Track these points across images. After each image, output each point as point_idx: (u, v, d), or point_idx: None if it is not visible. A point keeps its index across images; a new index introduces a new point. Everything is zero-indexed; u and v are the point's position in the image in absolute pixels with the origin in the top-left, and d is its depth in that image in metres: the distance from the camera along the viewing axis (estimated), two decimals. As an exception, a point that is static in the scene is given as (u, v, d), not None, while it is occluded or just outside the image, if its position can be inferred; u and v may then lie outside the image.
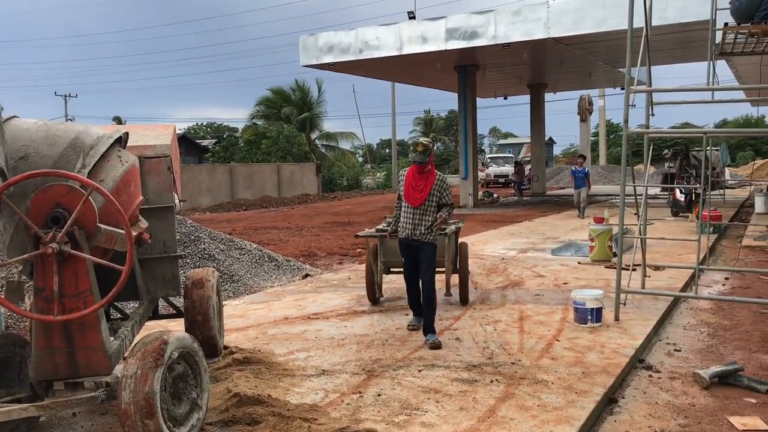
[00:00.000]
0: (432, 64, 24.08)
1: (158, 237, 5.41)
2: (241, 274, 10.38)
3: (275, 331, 7.15)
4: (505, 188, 39.10)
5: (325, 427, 4.27)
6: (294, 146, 40.67)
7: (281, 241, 16.14)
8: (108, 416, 4.77)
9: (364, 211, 25.04)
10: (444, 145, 75.48)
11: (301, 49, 23.29)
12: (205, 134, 67.59)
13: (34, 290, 4.07)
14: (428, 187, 6.47)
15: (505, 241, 14.53)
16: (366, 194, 39.23)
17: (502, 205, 27.13)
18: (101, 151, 4.35)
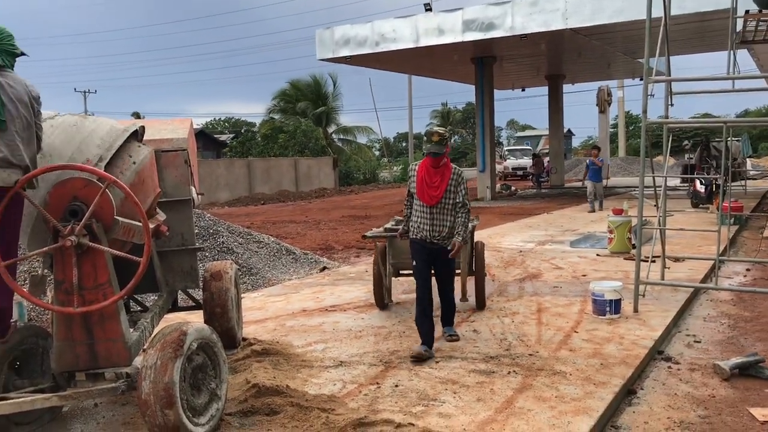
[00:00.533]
0: (449, 56, 23.99)
1: (176, 230, 5.45)
2: (259, 267, 10.44)
3: (293, 323, 7.19)
4: (523, 181, 38.91)
5: (343, 417, 4.28)
6: (311, 140, 40.77)
7: (299, 235, 16.20)
8: (129, 407, 4.82)
9: (380, 205, 25.05)
10: (461, 137, 75.26)
11: (318, 42, 23.30)
12: (223, 129, 67.92)
13: (55, 283, 4.12)
14: (444, 183, 5.80)
15: (523, 233, 14.47)
16: (383, 188, 39.23)
17: (520, 197, 27.01)
18: (118, 145, 4.39)
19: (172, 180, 5.46)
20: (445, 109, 74.06)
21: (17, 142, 4.02)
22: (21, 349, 4.48)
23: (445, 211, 5.82)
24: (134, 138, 4.67)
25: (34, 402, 4.01)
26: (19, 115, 4.06)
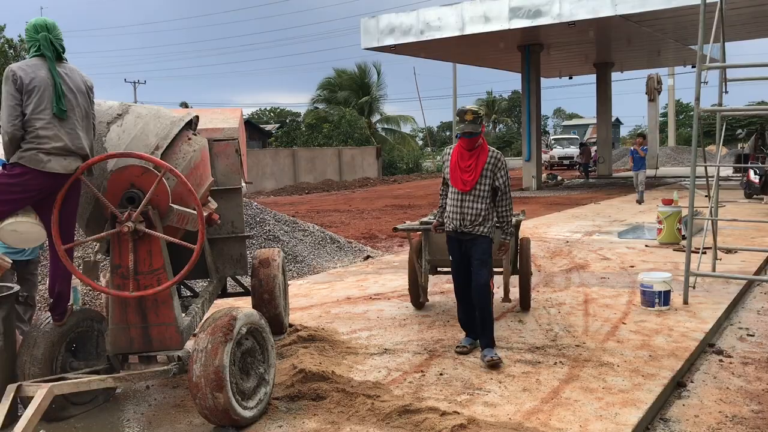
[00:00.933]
0: (495, 44, 23.76)
1: (226, 217, 5.55)
2: (304, 255, 10.56)
3: (338, 311, 7.26)
4: (569, 170, 38.36)
5: (388, 404, 4.33)
6: (356, 130, 40.87)
7: (342, 224, 16.32)
8: (179, 389, 4.95)
9: (424, 194, 25.02)
10: (506, 126, 74.54)
11: (362, 31, 23.31)
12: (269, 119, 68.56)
13: (111, 267, 4.26)
14: (479, 167, 5.27)
15: (569, 223, 14.30)
16: (426, 177, 39.14)
17: (566, 187, 26.65)
18: (174, 133, 4.49)
19: (223, 169, 5.56)
20: (490, 98, 73.41)
21: (77, 131, 4.14)
22: (77, 331, 4.64)
23: (479, 198, 5.30)
24: (189, 127, 4.76)
25: (90, 383, 4.15)
26: (78, 104, 4.18)
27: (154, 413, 4.54)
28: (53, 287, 4.43)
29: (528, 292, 6.80)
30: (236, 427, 4.10)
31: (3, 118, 3.99)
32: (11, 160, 4.04)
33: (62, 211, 4.13)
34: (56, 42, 4.20)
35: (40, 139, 3.99)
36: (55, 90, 4.04)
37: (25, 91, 3.98)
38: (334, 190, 31.26)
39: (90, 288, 7.53)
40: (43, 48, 4.12)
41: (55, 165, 4.03)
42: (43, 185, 4.06)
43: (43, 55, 4.12)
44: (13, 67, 4.03)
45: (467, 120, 5.22)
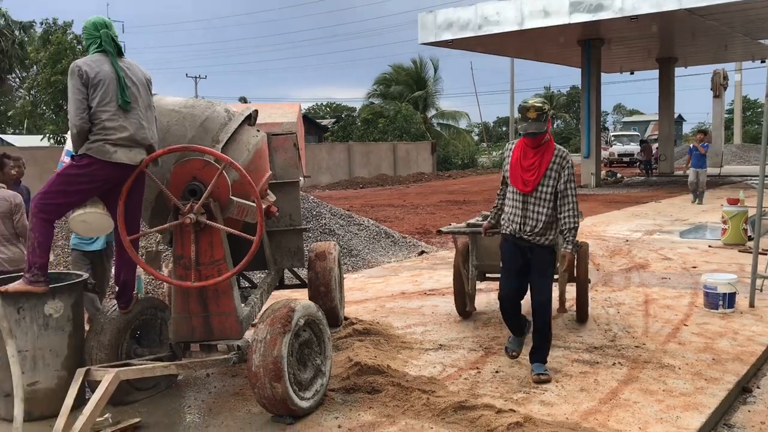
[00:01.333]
0: (554, 39, 23.38)
1: (284, 210, 5.63)
2: (359, 249, 10.63)
3: (393, 305, 7.29)
4: (629, 168, 37.48)
5: (444, 399, 4.32)
6: (411, 125, 40.83)
7: (397, 219, 16.34)
8: (238, 378, 5.06)
9: (479, 190, 24.84)
10: (564, 122, 73.32)
11: (420, 26, 23.25)
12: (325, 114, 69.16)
13: (174, 258, 4.37)
14: (543, 166, 4.72)
15: (629, 222, 13.98)
16: (481, 173, 38.84)
17: (626, 185, 26.06)
18: (234, 127, 4.58)
19: (282, 162, 5.64)
20: (548, 93, 72.24)
21: (141, 122, 4.28)
22: (141, 319, 4.79)
23: (542, 200, 4.75)
24: (248, 121, 4.85)
25: (154, 369, 4.28)
26: (141, 96, 4.32)
27: (213, 401, 4.65)
28: (119, 276, 4.58)
29: (585, 303, 6.21)
30: (293, 416, 4.17)
31: (70, 111, 4.14)
32: (79, 152, 4.19)
33: (127, 203, 4.26)
34: (115, 38, 4.34)
35: (107, 130, 4.13)
36: (119, 83, 4.18)
37: (91, 85, 4.12)
38: (389, 185, 31.31)
39: (153, 277, 7.75)
40: (104, 44, 4.27)
41: (121, 156, 4.16)
42: (110, 176, 4.20)
43: (104, 51, 4.27)
44: (78, 63, 4.18)
45: (531, 118, 4.65)
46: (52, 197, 4.17)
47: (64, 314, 4.39)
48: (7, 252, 5.53)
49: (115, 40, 4.32)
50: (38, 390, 4.33)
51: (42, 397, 4.34)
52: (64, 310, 4.39)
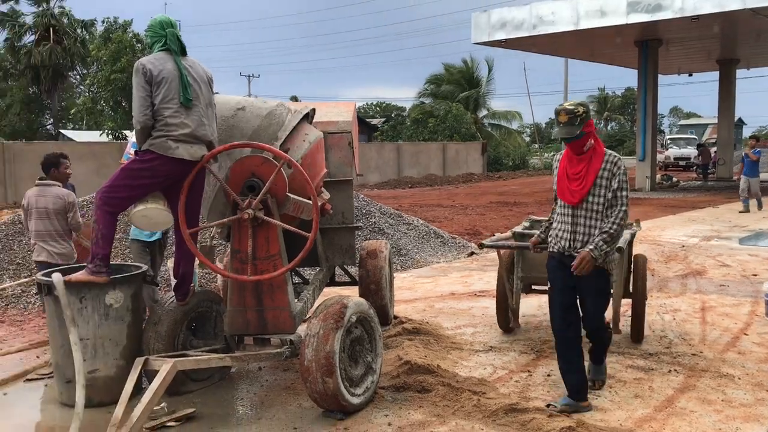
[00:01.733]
0: (610, 40, 22.93)
1: (338, 208, 5.68)
2: (408, 249, 10.63)
3: (442, 306, 7.27)
4: (685, 171, 36.53)
5: (495, 401, 4.29)
6: (462, 125, 40.61)
7: (446, 219, 16.28)
8: (289, 372, 5.12)
9: (530, 192, 24.55)
10: (619, 124, 71.94)
11: (473, 26, 23.11)
12: (375, 113, 69.39)
13: (231, 252, 4.46)
14: (591, 175, 4.22)
15: (685, 227, 13.63)
16: (533, 175, 38.38)
17: (682, 189, 25.40)
18: (292, 126, 4.64)
19: (337, 160, 5.69)
20: (602, 95, 71.02)
21: (202, 119, 4.38)
22: (198, 311, 4.90)
23: (592, 212, 4.23)
24: (306, 120, 4.91)
25: (210, 360, 4.37)
26: (202, 94, 4.43)
27: (266, 394, 4.73)
28: (177, 269, 4.69)
29: (642, 321, 5.66)
30: (344, 412, 4.20)
31: (135, 108, 4.27)
32: (143, 148, 4.32)
33: (188, 197, 4.37)
34: (179, 37, 4.45)
35: (169, 126, 4.24)
36: (182, 81, 4.29)
37: (155, 83, 4.24)
38: (438, 185, 31.22)
39: (207, 271, 7.91)
40: (169, 42, 4.38)
41: (182, 152, 4.26)
42: (171, 171, 4.31)
43: (168, 50, 4.37)
44: (143, 61, 4.30)
45: (561, 122, 4.26)
46: (117, 191, 4.31)
47: (123, 304, 4.52)
48: (58, 247, 5.84)
49: (179, 39, 4.43)
50: (98, 377, 4.47)
51: (101, 384, 4.48)
52: (124, 301, 4.52)
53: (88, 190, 12.16)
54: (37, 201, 5.87)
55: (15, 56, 38.63)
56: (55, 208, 5.81)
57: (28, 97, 39.70)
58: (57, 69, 38.16)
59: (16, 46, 38.57)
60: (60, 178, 6.11)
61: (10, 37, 38.43)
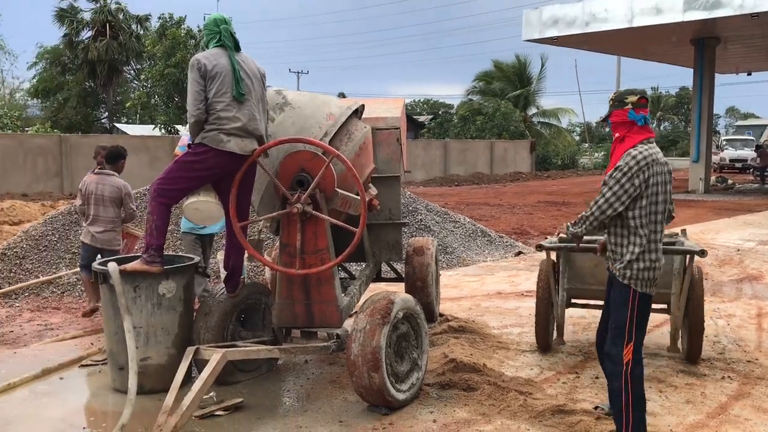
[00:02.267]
0: (665, 37, 22.38)
1: (385, 204, 5.69)
2: (454, 247, 10.59)
3: (488, 305, 7.22)
4: (741, 174, 35.46)
5: (541, 402, 4.25)
6: (510, 123, 40.20)
7: (493, 218, 16.16)
8: (335, 366, 5.16)
9: (579, 192, 24.18)
10: (672, 124, 70.28)
11: (524, 23, 22.85)
12: (422, 110, 69.27)
13: (280, 246, 4.51)
14: (609, 171, 3.82)
15: (740, 231, 13.24)
16: (582, 174, 37.80)
17: (737, 191, 24.68)
18: (342, 121, 4.67)
19: (385, 157, 5.70)
20: (655, 94, 69.40)
21: (254, 113, 4.46)
22: (247, 303, 4.97)
23: (617, 220, 3.76)
24: (355, 116, 4.93)
25: (258, 351, 4.44)
26: (255, 89, 4.51)
27: (312, 386, 4.77)
28: (228, 261, 4.77)
29: (699, 340, 5.07)
30: (389, 407, 4.21)
31: (189, 102, 4.37)
32: (196, 141, 4.41)
33: (239, 191, 4.44)
34: (233, 34, 4.54)
35: (221, 120, 4.33)
36: (234, 75, 4.38)
37: (209, 77, 4.34)
38: (485, 184, 31.00)
39: (255, 264, 8.02)
40: (224, 39, 4.48)
41: (233, 145, 4.34)
42: (223, 164, 4.39)
43: (223, 45, 4.46)
44: (198, 56, 4.42)
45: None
46: (171, 182, 4.41)
47: (176, 294, 4.62)
48: (103, 230, 6.39)
49: (233, 36, 4.53)
50: (149, 365, 4.57)
51: (152, 372, 4.59)
52: (176, 291, 4.61)
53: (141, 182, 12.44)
54: (96, 188, 6.41)
55: (73, 51, 39.72)
56: (111, 197, 6.31)
57: (84, 91, 40.80)
58: (112, 64, 39.11)
59: (74, 41, 39.66)
60: (119, 170, 6.64)
61: (69, 32, 39.54)
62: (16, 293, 7.85)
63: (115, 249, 6.41)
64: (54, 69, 41.51)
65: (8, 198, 17.82)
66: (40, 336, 6.36)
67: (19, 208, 15.35)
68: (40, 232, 8.90)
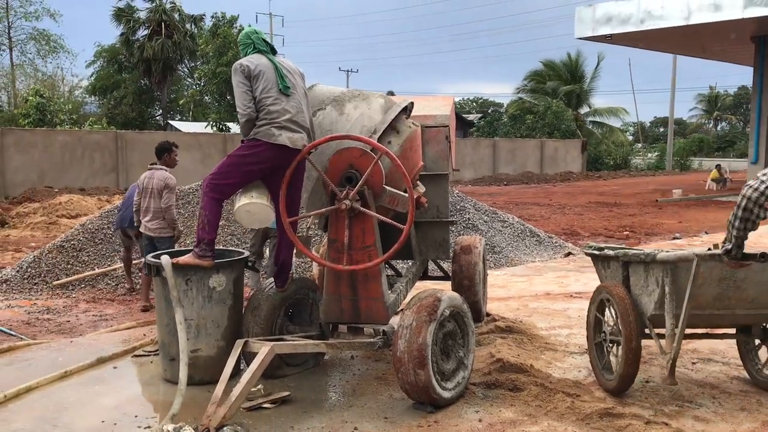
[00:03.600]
0: (724, 35, 21.74)
1: (433, 202, 5.67)
2: (502, 246, 10.50)
3: (536, 305, 7.14)
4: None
5: (589, 405, 4.18)
6: (562, 122, 39.64)
7: (542, 218, 15.98)
8: (381, 363, 5.18)
9: (631, 193, 23.71)
10: (730, 125, 68.25)
11: (577, 20, 22.49)
12: (471, 109, 68.86)
13: (328, 242, 4.55)
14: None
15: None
16: (635, 175, 37.05)
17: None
18: (390, 118, 4.68)
19: (433, 154, 5.68)
20: (713, 93, 67.54)
21: (301, 107, 4.57)
22: (295, 298, 5.03)
23: None
24: (404, 113, 4.93)
25: (306, 346, 4.49)
26: (298, 84, 4.67)
27: (357, 382, 4.80)
28: (278, 256, 4.84)
29: None
30: (434, 405, 4.20)
31: (238, 104, 4.54)
32: (249, 136, 4.50)
33: (289, 187, 4.49)
34: (266, 39, 4.77)
35: (271, 114, 4.44)
36: (277, 72, 4.54)
37: (253, 77, 4.51)
38: (534, 183, 30.67)
39: (303, 259, 8.10)
40: (258, 44, 4.70)
41: (284, 138, 4.43)
42: (274, 157, 4.47)
43: (259, 51, 4.66)
44: (240, 61, 4.62)
45: None
46: (222, 177, 4.50)
47: (226, 288, 4.70)
48: (151, 218, 6.77)
49: (266, 41, 4.76)
50: (199, 357, 4.67)
51: (202, 363, 4.68)
52: (226, 284, 4.70)
53: (193, 178, 12.68)
54: (147, 182, 6.81)
55: (129, 50, 40.81)
56: (158, 188, 6.70)
57: (139, 88, 41.89)
58: (167, 62, 40.02)
59: (130, 40, 40.74)
60: (169, 164, 6.94)
61: (126, 31, 40.62)
62: (73, 284, 8.12)
63: (164, 237, 6.80)
64: (111, 67, 42.72)
65: (66, 192, 18.43)
66: (95, 326, 6.56)
67: (76, 202, 15.88)
68: (96, 225, 9.18)
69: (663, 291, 4.17)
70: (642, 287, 4.40)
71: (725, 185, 26.01)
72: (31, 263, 8.45)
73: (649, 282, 4.32)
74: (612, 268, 4.80)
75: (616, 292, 4.43)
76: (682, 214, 16.90)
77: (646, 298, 4.38)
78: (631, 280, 4.52)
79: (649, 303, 4.33)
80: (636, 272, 4.46)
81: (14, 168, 20.94)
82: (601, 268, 4.99)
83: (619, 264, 4.61)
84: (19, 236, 13.32)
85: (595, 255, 4.97)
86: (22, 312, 7.04)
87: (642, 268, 4.38)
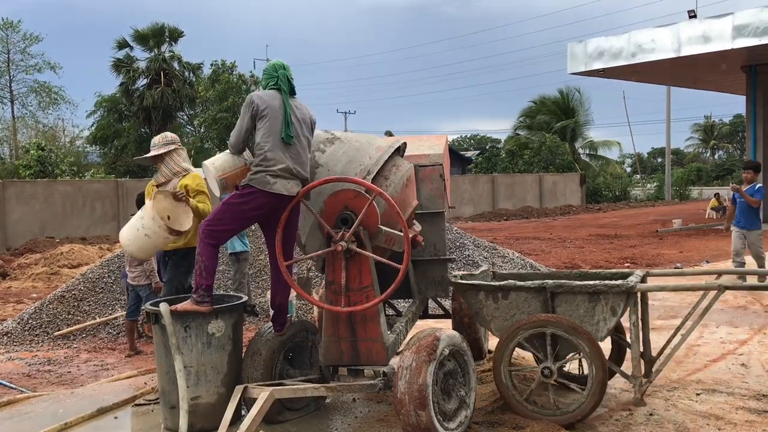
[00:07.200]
0: (715, 65, 22.01)
1: (429, 240, 5.69)
2: (504, 282, 10.46)
3: (539, 340, 7.09)
4: (802, 202, 34.30)
5: (593, 440, 4.15)
6: (557, 156, 39.91)
7: (543, 252, 15.97)
8: (383, 405, 5.14)
9: (631, 224, 23.72)
10: (728, 153, 68.60)
11: (569, 56, 22.81)
12: (469, 146, 69.37)
13: (325, 283, 4.56)
14: None
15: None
16: (634, 206, 37.12)
17: (798, 220, 23.83)
18: (384, 159, 4.73)
19: (428, 193, 5.72)
20: (708, 122, 68.07)
21: (300, 157, 4.57)
22: (294, 341, 5.01)
23: None
24: (397, 153, 5.00)
25: (306, 390, 4.46)
26: (303, 134, 4.65)
27: (359, 425, 4.76)
28: (275, 300, 4.84)
29: None
30: (437, 446, 4.16)
31: (234, 133, 4.65)
32: (243, 182, 4.55)
33: (284, 231, 4.53)
34: (291, 79, 4.69)
35: (267, 161, 4.46)
36: (285, 118, 4.52)
37: (259, 116, 4.53)
38: (534, 217, 30.72)
39: (304, 302, 8.09)
40: (280, 83, 4.66)
41: (279, 187, 4.45)
42: (269, 204, 4.51)
43: (279, 89, 4.62)
44: (253, 95, 4.62)
45: None
46: (219, 223, 4.53)
47: (225, 333, 4.69)
48: (134, 271, 7.02)
49: (290, 81, 4.71)
50: (200, 404, 4.63)
51: (202, 411, 4.63)
52: (225, 330, 4.69)
53: (194, 224, 12.66)
54: None
55: (129, 99, 41.25)
56: None
57: (140, 137, 42.24)
58: (167, 110, 40.40)
59: (130, 89, 41.21)
60: None
61: (125, 81, 41.12)
62: (74, 334, 8.10)
63: (142, 285, 7.00)
64: (111, 116, 43.13)
65: (67, 242, 18.47)
66: (96, 376, 6.53)
67: (77, 252, 15.90)
68: (97, 274, 9.19)
69: None
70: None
71: (725, 213, 26.04)
72: (32, 314, 8.44)
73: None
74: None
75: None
76: (683, 243, 16.89)
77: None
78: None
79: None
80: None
81: (16, 219, 21.03)
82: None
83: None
84: (21, 288, 13.32)
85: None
86: (23, 364, 7.01)
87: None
